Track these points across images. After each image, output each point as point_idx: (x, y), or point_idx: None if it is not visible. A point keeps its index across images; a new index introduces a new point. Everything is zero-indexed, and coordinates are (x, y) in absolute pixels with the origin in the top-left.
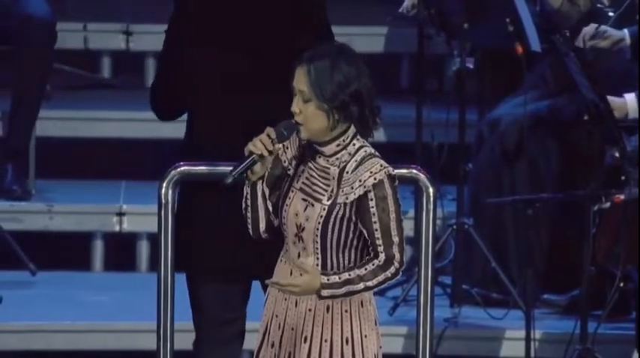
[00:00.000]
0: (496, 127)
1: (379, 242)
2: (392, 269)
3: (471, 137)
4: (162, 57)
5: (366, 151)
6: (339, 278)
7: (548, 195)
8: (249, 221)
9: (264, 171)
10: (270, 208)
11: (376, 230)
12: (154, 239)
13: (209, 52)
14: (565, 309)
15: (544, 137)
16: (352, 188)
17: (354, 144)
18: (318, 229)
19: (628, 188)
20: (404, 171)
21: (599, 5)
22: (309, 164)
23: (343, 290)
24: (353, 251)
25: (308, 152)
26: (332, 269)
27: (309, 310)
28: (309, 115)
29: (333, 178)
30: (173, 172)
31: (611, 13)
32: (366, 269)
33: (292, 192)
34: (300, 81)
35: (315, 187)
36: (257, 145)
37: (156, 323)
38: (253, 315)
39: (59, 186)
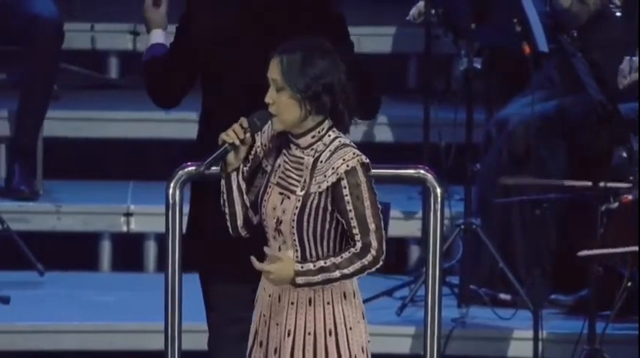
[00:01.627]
0: (504, 127)
1: (355, 231)
2: (369, 257)
3: (478, 137)
4: (171, 49)
5: (340, 141)
6: (314, 265)
7: (556, 195)
8: (227, 217)
9: (238, 163)
10: (248, 204)
11: (352, 218)
12: (161, 239)
13: (226, 52)
14: (573, 309)
15: (552, 137)
16: (325, 176)
17: (329, 136)
18: (294, 221)
19: (636, 188)
20: (411, 171)
21: (610, 5)
22: (284, 157)
23: (319, 277)
24: (332, 242)
25: (283, 145)
26: (312, 260)
27: (292, 303)
28: (282, 105)
29: (307, 168)
30: (181, 172)
31: (618, 14)
32: (342, 257)
33: (270, 187)
34: (273, 71)
35: (290, 179)
36: (229, 134)
37: (163, 324)
38: None
39: (67, 187)
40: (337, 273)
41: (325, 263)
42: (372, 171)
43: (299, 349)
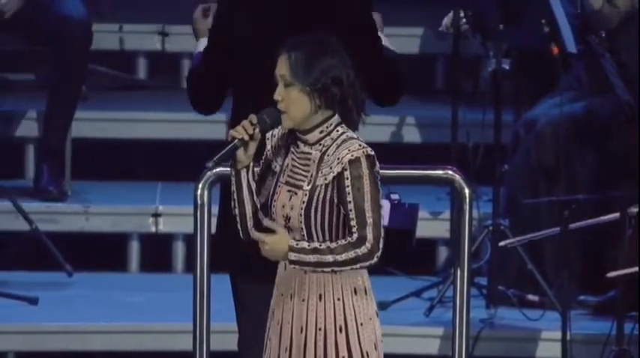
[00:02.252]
0: (532, 128)
1: (353, 222)
2: (363, 249)
3: (506, 138)
4: (205, 54)
5: (347, 135)
6: (309, 245)
7: (584, 195)
8: (237, 218)
9: (248, 161)
10: (258, 205)
11: (350, 210)
12: (189, 240)
13: (255, 53)
14: (601, 310)
15: (580, 138)
16: (331, 168)
17: (337, 131)
18: (301, 215)
19: None
20: (439, 171)
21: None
22: (292, 156)
23: (312, 257)
24: (340, 235)
25: (292, 144)
26: None
27: (303, 300)
28: (292, 100)
29: (314, 162)
30: (209, 173)
31: None
32: (337, 243)
33: (279, 186)
34: (282, 67)
35: (297, 176)
36: (238, 130)
37: (192, 324)
38: None
39: (95, 187)
40: (330, 258)
41: (320, 245)
42: (400, 172)
43: (310, 345)
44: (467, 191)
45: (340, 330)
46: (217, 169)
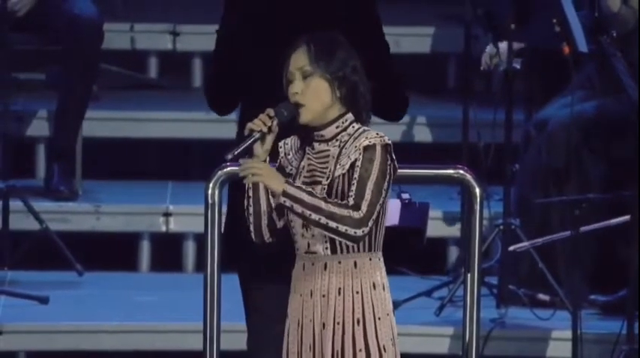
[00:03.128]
0: (543, 128)
1: (352, 193)
2: (355, 215)
3: (517, 137)
4: (215, 55)
5: (364, 129)
6: (305, 187)
7: (596, 195)
8: (252, 218)
9: (265, 156)
10: (273, 205)
11: (353, 183)
12: (200, 239)
13: (262, 51)
14: (612, 310)
15: (591, 138)
16: (349, 157)
17: (353, 127)
18: None
19: None
20: (451, 171)
21: None
22: (309, 155)
23: (306, 197)
24: None
25: (307, 145)
26: (342, 252)
27: (323, 296)
28: (312, 90)
29: (333, 158)
30: (220, 173)
31: None
32: (333, 200)
33: None
34: (300, 59)
35: (315, 173)
36: (256, 123)
37: (202, 324)
38: None
39: (106, 187)
40: (323, 204)
41: (316, 193)
42: (411, 171)
43: (329, 339)
44: (477, 190)
45: (358, 323)
46: (228, 169)
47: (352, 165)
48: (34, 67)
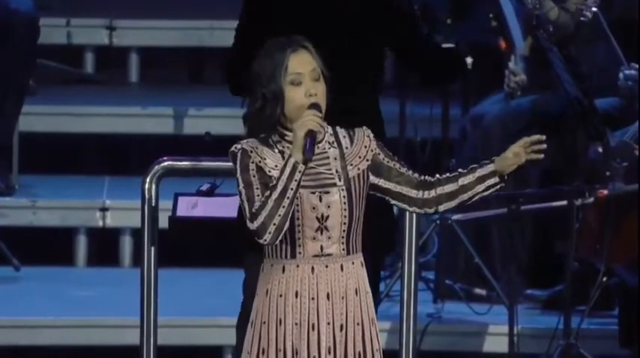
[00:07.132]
0: (479, 123)
1: (405, 166)
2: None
3: (455, 132)
4: (233, 42)
5: (337, 127)
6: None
7: (532, 190)
8: (279, 219)
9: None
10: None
11: (395, 161)
12: (137, 234)
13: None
14: (548, 304)
15: (526, 133)
16: (360, 157)
17: (328, 128)
18: (345, 210)
19: (612, 183)
20: None
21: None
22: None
23: None
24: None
25: (278, 144)
26: (354, 252)
27: (342, 298)
28: (322, 92)
29: (335, 159)
30: (157, 167)
31: (594, 9)
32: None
33: (299, 193)
34: (307, 61)
35: (320, 176)
36: (316, 121)
37: (139, 319)
38: None
39: (43, 182)
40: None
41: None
42: None
43: (350, 341)
44: None
45: (372, 323)
46: (165, 163)
47: (372, 165)
48: None
